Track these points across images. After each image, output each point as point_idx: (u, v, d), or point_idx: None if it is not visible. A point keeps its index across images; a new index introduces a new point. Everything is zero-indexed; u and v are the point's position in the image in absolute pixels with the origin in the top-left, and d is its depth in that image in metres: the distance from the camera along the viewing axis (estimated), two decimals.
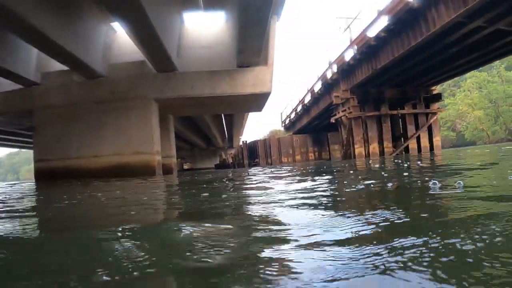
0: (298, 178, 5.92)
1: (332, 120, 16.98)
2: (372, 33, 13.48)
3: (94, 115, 13.90)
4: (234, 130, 33.24)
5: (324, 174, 6.18)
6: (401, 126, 16.25)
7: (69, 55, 11.40)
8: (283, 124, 29.49)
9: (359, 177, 5.18)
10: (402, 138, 16.15)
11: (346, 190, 3.40)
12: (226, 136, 39.85)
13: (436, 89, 17.01)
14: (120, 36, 15.00)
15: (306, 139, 23.01)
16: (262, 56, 13.41)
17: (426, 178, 3.78)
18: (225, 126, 32.22)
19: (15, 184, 14.04)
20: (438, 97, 16.38)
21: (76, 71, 13.64)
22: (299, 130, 25.18)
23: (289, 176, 6.79)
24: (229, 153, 39.61)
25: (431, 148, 15.92)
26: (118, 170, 13.09)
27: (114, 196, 4.73)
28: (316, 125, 23.20)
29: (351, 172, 6.90)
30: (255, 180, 6.18)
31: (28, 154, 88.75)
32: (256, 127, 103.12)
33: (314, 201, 2.53)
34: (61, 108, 14.18)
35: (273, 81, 13.90)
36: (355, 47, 14.42)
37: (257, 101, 14.87)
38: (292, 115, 26.19)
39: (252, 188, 4.53)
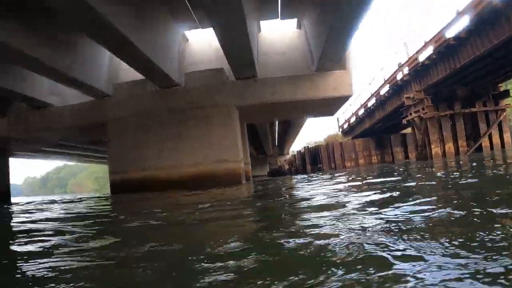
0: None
1: (404, 121, 17.19)
2: (450, 33, 13.79)
3: (170, 124, 14.03)
4: (289, 137, 33.48)
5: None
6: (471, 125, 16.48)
7: (149, 62, 11.57)
8: (341, 129, 29.68)
9: None
10: (474, 137, 16.37)
11: None
12: (276, 144, 39.98)
13: (502, 86, 17.36)
14: (192, 45, 15.19)
15: (368, 142, 23.16)
16: (342, 60, 13.62)
17: None
18: (277, 134, 32.53)
19: (79, 199, 13.87)
20: (506, 94, 16.69)
21: (152, 80, 13.78)
22: (359, 134, 25.39)
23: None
24: (282, 160, 39.77)
25: (502, 145, 16.17)
26: (200, 180, 13.15)
27: None
28: (377, 128, 23.41)
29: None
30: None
31: (75, 167, 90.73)
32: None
33: None
34: (135, 119, 14.33)
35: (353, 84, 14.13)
36: (431, 47, 14.71)
37: (336, 104, 15.11)
38: (352, 119, 26.39)
39: None
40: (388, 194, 4.28)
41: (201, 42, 15.18)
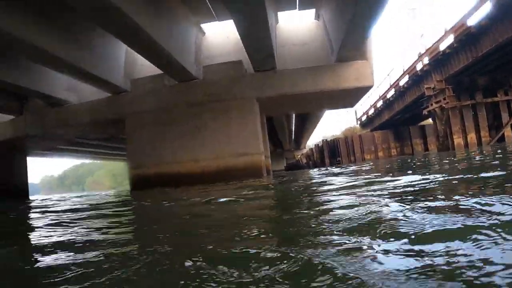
0: None
1: (425, 112, 16.95)
2: (472, 20, 13.58)
3: (188, 118, 13.93)
4: (306, 131, 33.34)
5: None
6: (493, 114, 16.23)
7: (167, 55, 11.50)
8: (359, 122, 29.43)
9: None
10: (496, 127, 16.11)
11: None
12: (293, 138, 39.90)
13: None
14: (209, 38, 15.10)
15: (387, 135, 22.91)
16: (362, 50, 13.44)
17: None
18: (293, 127, 32.41)
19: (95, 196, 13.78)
20: None
21: (169, 74, 13.70)
22: (378, 127, 25.15)
23: None
24: (299, 154, 39.70)
25: None
26: (220, 174, 13.04)
27: None
28: (396, 120, 23.16)
29: None
30: None
31: (92, 165, 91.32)
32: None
33: None
34: (154, 114, 14.27)
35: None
36: (451, 36, 14.50)
37: (357, 95, 14.94)
38: (371, 111, 26.14)
39: None
40: None
41: (218, 35, 15.09)
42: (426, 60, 16.42)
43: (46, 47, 10.29)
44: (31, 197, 17.95)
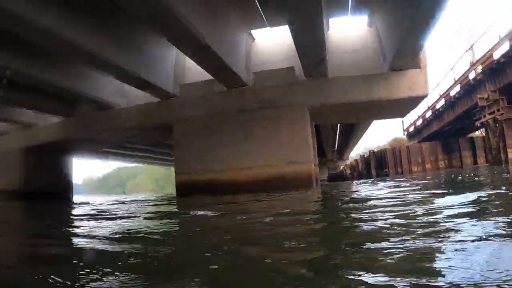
0: None
1: (477, 123, 16.50)
2: None
3: (238, 125, 13.88)
4: (350, 141, 33.05)
5: None
6: None
7: (220, 61, 11.47)
8: (406, 132, 29.00)
9: None
10: None
11: None
12: (336, 148, 39.56)
13: None
14: (259, 44, 15.09)
15: (435, 146, 22.34)
16: (416, 59, 13.16)
17: None
18: (337, 137, 32.18)
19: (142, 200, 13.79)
20: None
21: (220, 80, 13.72)
22: (425, 138, 24.68)
23: None
24: (343, 164, 39.35)
25: None
26: (269, 183, 12.88)
27: None
28: (446, 131, 22.67)
29: None
30: None
31: (133, 169, 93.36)
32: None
33: None
34: (202, 120, 14.29)
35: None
36: (507, 43, 14.10)
37: (410, 105, 14.60)
38: (419, 122, 25.72)
39: None
40: None
41: (269, 42, 15.06)
42: (479, 69, 16.00)
43: (96, 50, 10.44)
44: (74, 198, 18.32)
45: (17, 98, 14.72)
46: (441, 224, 2.83)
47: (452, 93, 18.89)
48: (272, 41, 15.00)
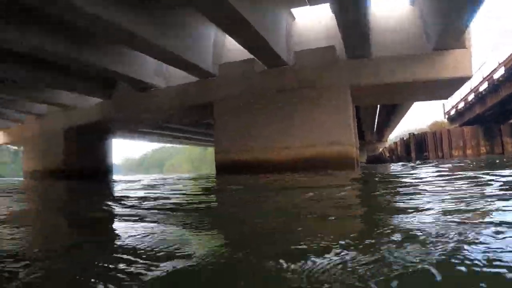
0: None
1: None
2: None
3: (278, 105, 13.84)
4: (391, 123, 32.61)
5: None
6: None
7: (261, 40, 11.39)
8: (447, 116, 28.43)
9: None
10: None
11: None
12: (375, 130, 39.14)
13: None
14: (299, 23, 14.95)
15: (476, 131, 21.69)
16: (461, 38, 12.80)
17: None
18: (377, 118, 31.71)
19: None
20: None
21: (260, 59, 13.67)
22: (467, 122, 24.15)
23: None
24: (382, 147, 39.11)
25: None
26: (309, 163, 12.86)
27: None
28: (488, 115, 22.13)
29: None
30: None
31: (171, 149, 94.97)
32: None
33: None
34: (242, 100, 14.30)
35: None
36: None
37: (454, 86, 14.26)
38: (460, 105, 25.16)
39: None
40: None
41: (309, 20, 14.89)
42: None
43: (137, 31, 10.52)
44: (115, 177, 18.80)
45: (57, 81, 15.03)
46: None
47: (496, 76, 18.32)
48: (312, 20, 14.82)
